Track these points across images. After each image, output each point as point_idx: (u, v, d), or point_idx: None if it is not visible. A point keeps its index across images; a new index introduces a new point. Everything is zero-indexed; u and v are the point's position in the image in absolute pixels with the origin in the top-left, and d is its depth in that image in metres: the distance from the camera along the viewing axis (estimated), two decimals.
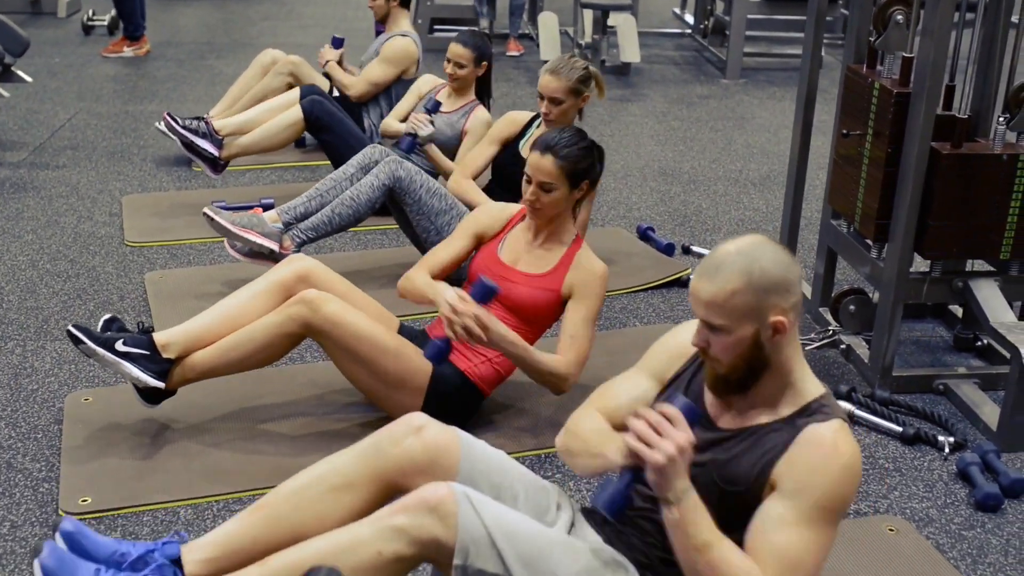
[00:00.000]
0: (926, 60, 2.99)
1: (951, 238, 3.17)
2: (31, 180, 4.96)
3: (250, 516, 2.06)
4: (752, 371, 1.87)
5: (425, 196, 3.72)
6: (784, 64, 7.74)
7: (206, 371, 2.86)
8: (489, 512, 1.87)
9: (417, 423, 2.09)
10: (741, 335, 1.83)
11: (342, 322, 2.77)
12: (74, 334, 2.78)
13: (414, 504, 1.87)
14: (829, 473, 1.80)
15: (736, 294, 1.80)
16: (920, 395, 3.30)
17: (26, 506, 2.66)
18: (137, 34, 7.33)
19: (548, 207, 2.90)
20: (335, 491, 2.04)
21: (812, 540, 1.80)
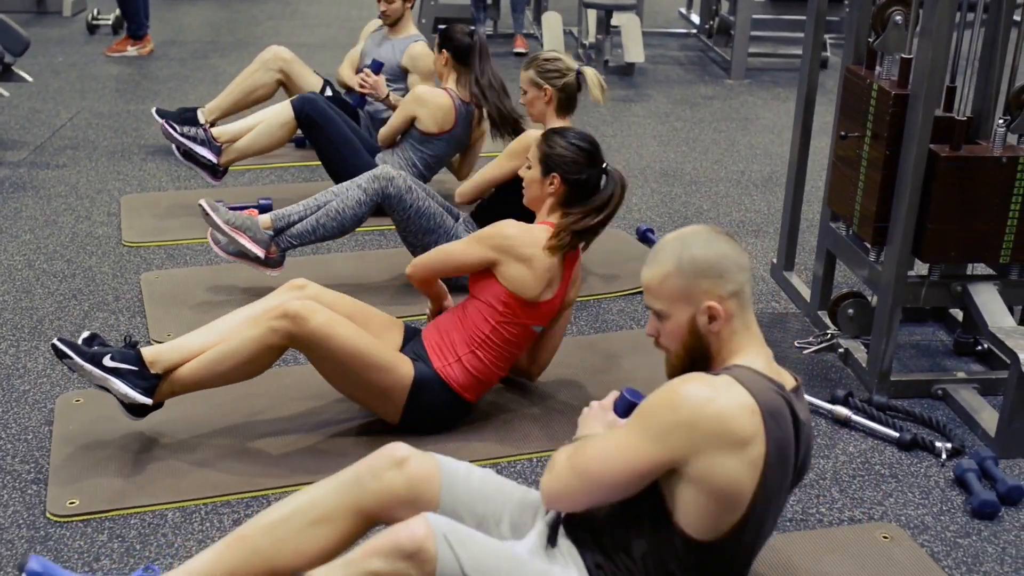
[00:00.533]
0: (925, 61, 2.96)
1: (950, 241, 3.13)
2: (31, 179, 4.95)
3: (227, 548, 2.04)
4: (694, 360, 1.95)
5: (413, 216, 3.69)
6: (789, 64, 7.69)
7: (191, 384, 2.82)
8: (468, 554, 1.83)
9: (399, 456, 2.07)
10: (679, 320, 1.93)
11: (327, 336, 2.74)
12: (60, 348, 2.73)
13: (390, 548, 1.82)
14: (660, 393, 1.88)
15: (668, 277, 1.92)
16: (918, 400, 3.27)
17: (13, 508, 2.65)
18: (140, 33, 7.32)
19: (526, 186, 3.04)
20: (314, 524, 2.03)
21: (610, 434, 1.96)
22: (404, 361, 2.88)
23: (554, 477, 1.96)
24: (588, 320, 3.76)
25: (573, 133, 3.01)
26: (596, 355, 3.49)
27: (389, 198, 3.66)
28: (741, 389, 1.85)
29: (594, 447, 1.94)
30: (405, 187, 3.66)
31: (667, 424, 1.84)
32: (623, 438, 1.90)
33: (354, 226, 3.72)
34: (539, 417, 3.11)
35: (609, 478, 1.89)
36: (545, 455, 2.92)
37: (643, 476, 1.88)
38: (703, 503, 1.87)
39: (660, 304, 1.94)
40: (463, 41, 4.32)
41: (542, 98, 3.67)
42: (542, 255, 2.91)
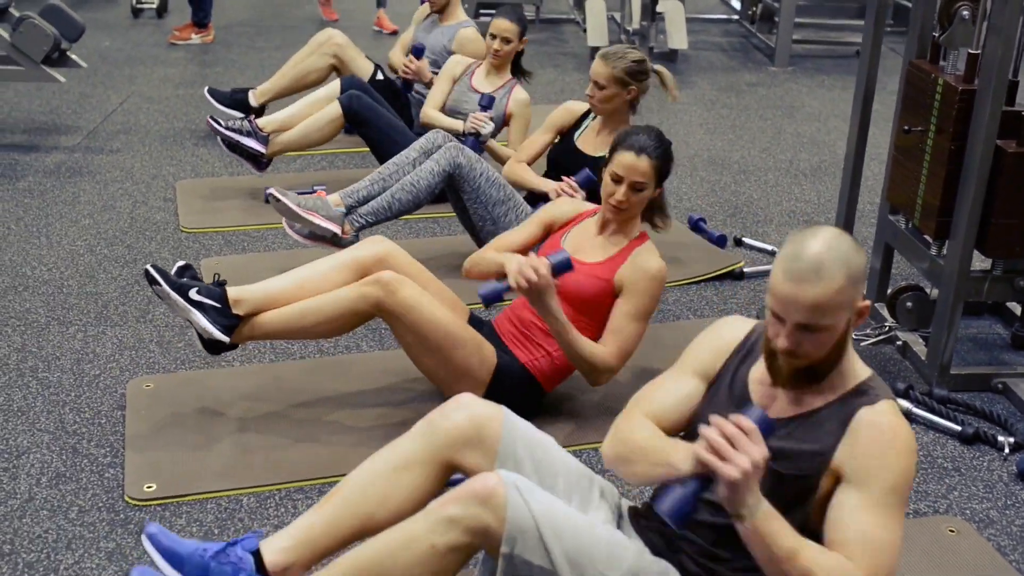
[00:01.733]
0: (994, 56, 2.95)
1: (1015, 236, 3.14)
2: (86, 164, 5.01)
3: (322, 506, 2.14)
4: (831, 361, 1.92)
5: (484, 185, 3.73)
6: (832, 52, 7.67)
7: (272, 333, 2.89)
8: (538, 503, 1.90)
9: (465, 399, 2.18)
10: (839, 327, 1.86)
11: (415, 307, 2.79)
12: (151, 274, 2.81)
13: (464, 494, 1.92)
14: (894, 457, 1.84)
15: (841, 291, 1.82)
16: (978, 393, 3.28)
17: (93, 491, 2.71)
18: (205, 21, 7.34)
19: (635, 207, 2.94)
20: (396, 471, 2.12)
21: (891, 521, 1.83)
22: (487, 345, 2.92)
23: None
24: None
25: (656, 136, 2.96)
26: (655, 345, 3.51)
27: (460, 167, 3.70)
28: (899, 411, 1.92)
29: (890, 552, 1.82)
30: (475, 156, 3.73)
31: (912, 479, 1.88)
32: (899, 519, 1.84)
33: (428, 198, 3.76)
34: (605, 405, 3.14)
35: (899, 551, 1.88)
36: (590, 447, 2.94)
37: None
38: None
39: (830, 319, 1.83)
40: None
41: (623, 96, 3.66)
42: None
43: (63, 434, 2.94)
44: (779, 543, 1.79)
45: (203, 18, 7.31)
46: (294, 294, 2.91)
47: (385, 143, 4.45)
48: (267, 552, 2.08)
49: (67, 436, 2.93)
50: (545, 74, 6.84)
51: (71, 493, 2.70)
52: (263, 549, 2.08)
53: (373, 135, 4.47)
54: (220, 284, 2.89)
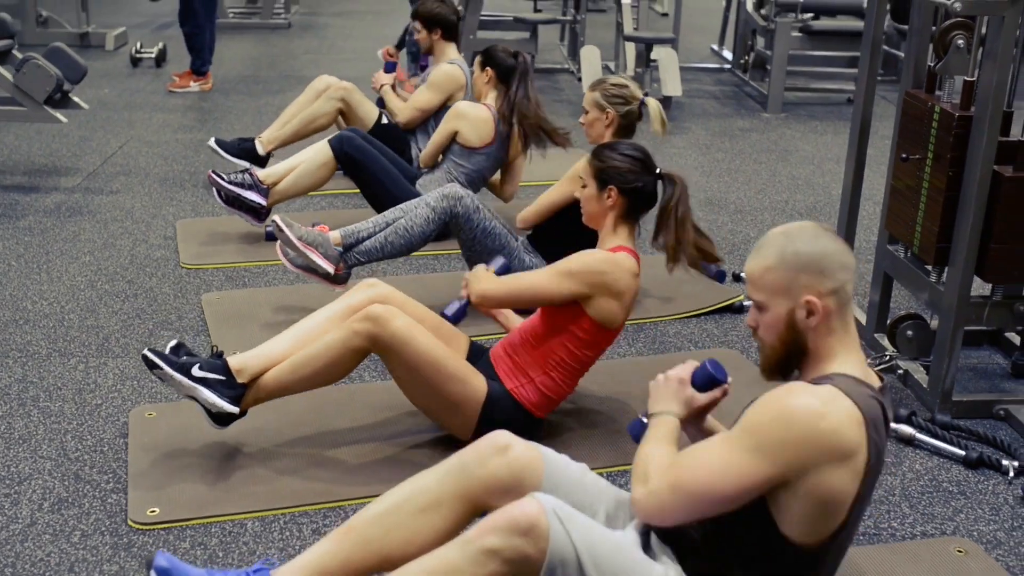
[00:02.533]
0: (989, 83, 3.00)
1: (1013, 262, 3.16)
2: (86, 204, 5.03)
3: (339, 539, 2.08)
4: (790, 355, 1.97)
5: (480, 236, 3.74)
6: (825, 99, 7.77)
7: (276, 391, 2.87)
8: (578, 530, 1.87)
9: (502, 442, 2.12)
10: (777, 312, 1.94)
11: (408, 340, 2.78)
12: (150, 359, 2.78)
13: (505, 524, 1.86)
14: (768, 406, 1.86)
15: (769, 270, 1.94)
16: (980, 420, 3.29)
17: (95, 516, 2.69)
18: (204, 69, 7.40)
19: (583, 205, 3.00)
20: (422, 512, 2.07)
21: (722, 447, 1.90)
22: (478, 376, 2.91)
23: (650, 493, 1.93)
24: (646, 342, 3.79)
25: (623, 145, 3.00)
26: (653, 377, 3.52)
27: (457, 217, 3.71)
28: (847, 401, 1.85)
29: (696, 463, 1.91)
30: (473, 207, 3.71)
31: (780, 441, 1.83)
32: (729, 454, 1.87)
33: (421, 244, 3.77)
34: (603, 434, 3.14)
35: (716, 495, 1.88)
36: (614, 470, 2.94)
37: (752, 492, 1.87)
38: (809, 512, 1.88)
39: (761, 295, 1.95)
40: (507, 61, 4.41)
41: (603, 121, 3.71)
42: (633, 286, 2.92)
43: (65, 461, 2.92)
44: (648, 435, 2.06)
45: (201, 66, 7.38)
46: (293, 351, 2.89)
47: (376, 187, 4.47)
48: None
49: (69, 463, 2.92)
50: None
51: (73, 518, 2.68)
52: None
53: (364, 178, 4.50)
54: (219, 356, 2.89)
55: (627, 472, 2.94)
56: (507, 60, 4.42)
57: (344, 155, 4.50)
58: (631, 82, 3.79)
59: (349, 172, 4.58)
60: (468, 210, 3.70)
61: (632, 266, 2.92)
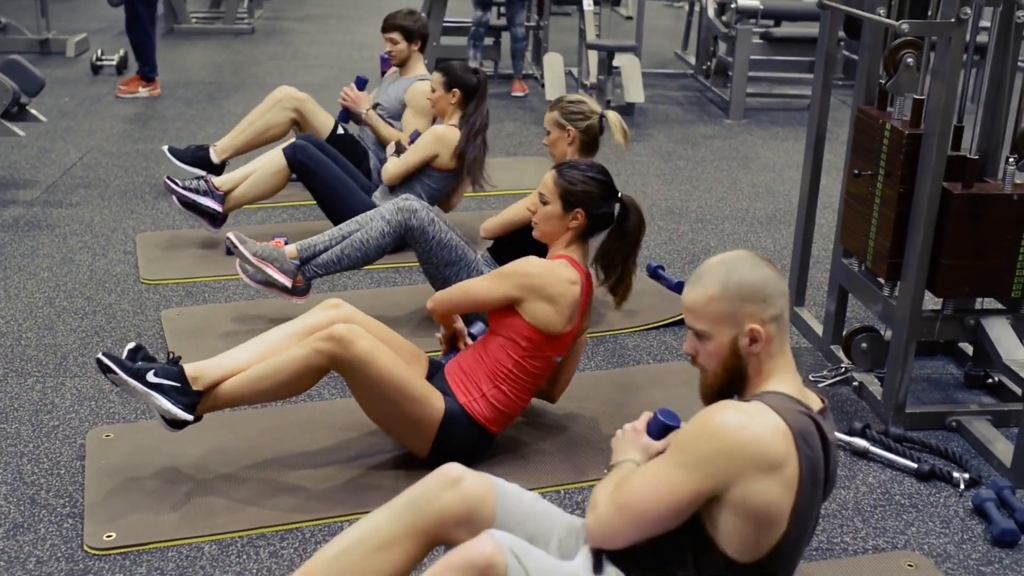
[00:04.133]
0: (937, 102, 3.05)
1: (963, 277, 3.21)
2: (45, 218, 5.00)
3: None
4: (732, 380, 2.02)
5: (435, 248, 3.75)
6: (786, 104, 7.84)
7: (232, 400, 2.87)
8: (535, 566, 1.89)
9: (454, 475, 2.12)
10: (720, 341, 1.98)
11: (370, 361, 2.79)
12: (104, 363, 2.78)
13: (461, 564, 1.87)
14: (695, 423, 1.93)
15: (713, 300, 1.98)
16: (933, 432, 3.33)
17: (51, 541, 2.68)
18: (152, 75, 7.39)
19: (541, 221, 3.03)
20: (376, 551, 2.07)
21: (651, 468, 1.97)
22: (436, 395, 2.93)
23: (599, 518, 1.98)
24: (605, 355, 3.82)
25: (586, 165, 3.05)
26: (614, 389, 3.55)
27: (412, 230, 3.72)
28: (772, 414, 1.91)
29: (634, 484, 1.96)
30: (428, 219, 3.72)
31: (706, 454, 1.89)
32: (663, 471, 1.94)
33: (377, 256, 3.78)
34: (561, 450, 3.16)
35: (653, 512, 1.93)
36: (569, 487, 2.97)
37: (686, 507, 1.92)
38: (743, 526, 1.92)
39: (703, 325, 1.99)
40: (471, 80, 4.41)
41: (565, 139, 3.74)
42: (567, 292, 2.96)
43: (21, 485, 2.91)
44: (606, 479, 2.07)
45: (149, 72, 7.36)
46: (251, 364, 2.89)
47: (329, 196, 4.48)
48: None
49: (25, 487, 2.90)
50: (504, 128, 6.93)
51: (29, 544, 2.66)
52: None
53: (317, 186, 4.51)
54: (175, 361, 2.88)
55: (585, 489, 2.97)
56: (471, 79, 4.42)
57: (297, 163, 4.51)
58: (587, 97, 3.85)
59: (303, 180, 4.58)
60: (423, 223, 3.71)
61: (569, 274, 2.97)
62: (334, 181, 4.48)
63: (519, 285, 2.96)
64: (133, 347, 2.92)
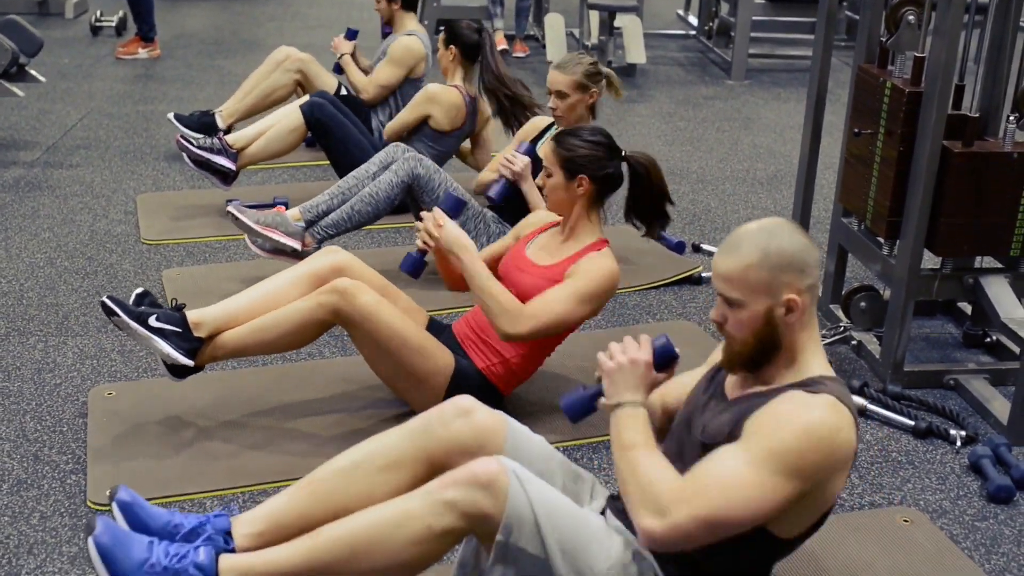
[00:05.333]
0: (938, 60, 3.04)
1: (962, 235, 3.22)
2: (45, 179, 5.00)
3: (299, 492, 2.11)
4: (763, 349, 1.93)
5: (443, 196, 3.76)
6: (789, 65, 7.79)
7: (234, 350, 2.90)
8: (536, 492, 1.91)
9: (467, 406, 2.14)
10: (755, 310, 1.90)
11: (374, 314, 2.81)
12: (108, 306, 2.80)
13: (465, 478, 1.91)
14: (790, 425, 1.81)
15: (751, 268, 1.88)
16: (931, 390, 3.35)
17: (55, 497, 2.70)
18: (151, 35, 7.35)
19: (550, 193, 2.97)
20: (383, 470, 2.09)
21: (739, 472, 1.80)
22: (444, 351, 2.94)
23: (673, 528, 1.81)
24: (605, 315, 3.83)
25: (585, 131, 3.00)
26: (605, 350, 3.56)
27: (419, 178, 3.74)
28: (845, 409, 1.85)
29: (724, 493, 1.80)
30: (434, 167, 3.76)
31: (811, 461, 1.80)
32: (759, 479, 1.79)
33: (388, 209, 3.79)
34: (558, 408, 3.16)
35: (746, 521, 1.81)
36: (571, 444, 2.98)
37: (779, 512, 1.84)
38: (803, 511, 1.90)
39: (738, 293, 1.90)
40: (471, 37, 4.39)
41: (586, 101, 3.73)
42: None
43: (24, 442, 2.93)
44: (626, 434, 1.93)
45: (148, 32, 7.33)
46: (253, 311, 2.91)
47: (344, 154, 4.49)
48: (237, 535, 2.07)
49: (28, 444, 2.93)
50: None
51: (32, 499, 2.69)
52: (234, 531, 2.08)
53: (333, 145, 4.52)
54: (179, 308, 2.90)
55: (583, 446, 2.99)
56: (471, 36, 4.40)
57: (315, 120, 4.52)
58: (590, 55, 3.84)
59: (318, 138, 4.59)
60: (429, 171, 3.74)
61: (617, 267, 2.95)
62: (350, 141, 4.50)
63: (607, 300, 2.95)
64: (140, 292, 2.95)
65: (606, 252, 2.95)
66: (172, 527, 2.08)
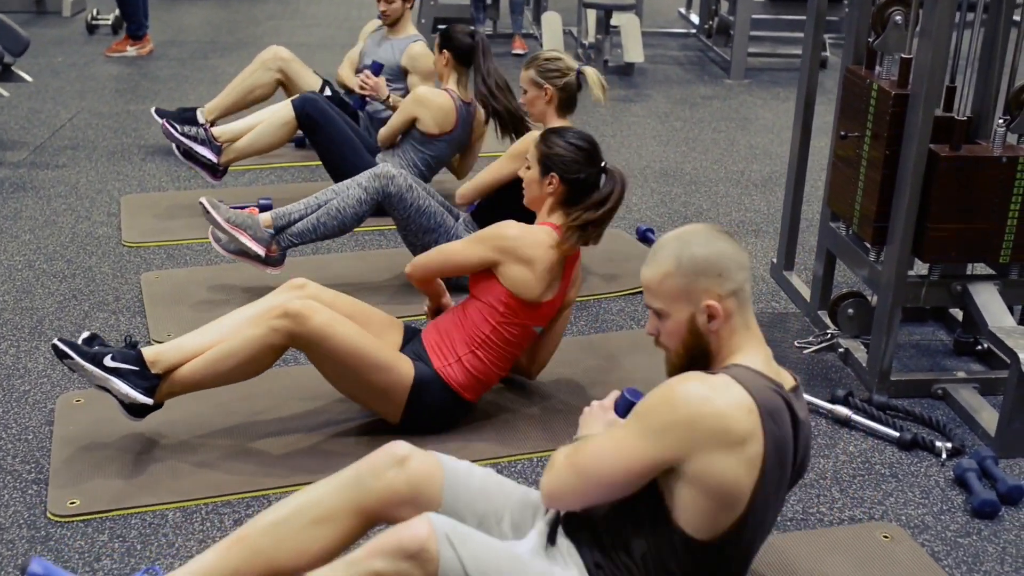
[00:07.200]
0: (925, 61, 2.96)
1: (950, 241, 3.13)
2: (30, 180, 4.95)
3: (228, 548, 2.05)
4: (693, 359, 1.95)
5: (414, 215, 3.70)
6: (789, 64, 7.70)
7: (191, 384, 2.82)
8: (469, 554, 1.83)
9: (400, 454, 2.07)
10: (678, 320, 1.93)
11: (328, 336, 2.74)
12: (61, 349, 2.72)
13: (392, 548, 1.82)
14: (658, 392, 1.89)
15: (668, 277, 1.92)
16: (918, 399, 3.27)
17: (14, 508, 2.65)
18: (140, 33, 7.32)
19: (526, 186, 3.04)
20: (315, 524, 2.03)
21: (612, 432, 1.95)
22: (404, 361, 2.88)
23: (553, 476, 1.97)
24: (588, 320, 3.76)
25: (572, 133, 3.01)
26: (596, 355, 3.50)
27: (389, 197, 3.66)
28: (739, 387, 1.85)
29: (592, 446, 1.95)
30: (405, 186, 3.66)
31: (665, 423, 1.84)
32: (621, 437, 1.91)
33: (354, 224, 3.72)
34: (539, 417, 3.11)
35: (607, 477, 1.90)
36: (545, 454, 2.92)
37: (640, 475, 1.89)
38: (701, 502, 1.87)
39: (660, 303, 1.94)
40: (465, 41, 4.32)
41: (542, 97, 3.67)
42: (544, 256, 2.90)
43: None
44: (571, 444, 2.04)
45: (137, 30, 7.29)
46: (210, 346, 2.83)
47: (335, 153, 4.43)
48: None
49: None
50: None
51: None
52: None
53: (323, 141, 4.45)
54: (133, 346, 2.83)
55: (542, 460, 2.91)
56: (464, 41, 4.32)
57: (305, 115, 4.46)
58: (564, 54, 3.78)
59: (308, 134, 4.54)
60: (401, 189, 3.65)
61: (548, 238, 2.92)
62: (341, 139, 4.43)
63: (495, 247, 2.92)
64: (88, 336, 2.86)
65: (539, 227, 2.97)
66: None
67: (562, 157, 2.94)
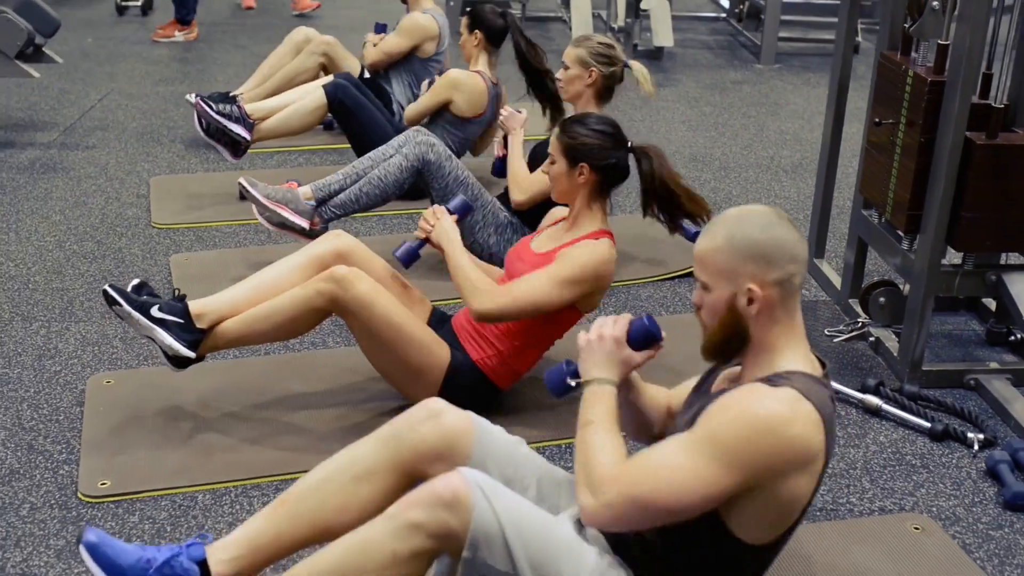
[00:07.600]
0: (962, 47, 2.92)
1: (985, 231, 3.10)
2: (61, 161, 4.97)
3: (273, 511, 2.07)
4: (728, 339, 1.90)
5: (452, 184, 3.69)
6: (820, 49, 7.62)
7: (234, 340, 2.86)
8: (503, 505, 1.85)
9: (435, 408, 2.11)
10: (719, 295, 1.88)
11: (370, 304, 2.75)
12: (110, 295, 2.77)
13: (428, 498, 1.85)
14: (734, 412, 1.78)
15: (717, 252, 1.87)
16: (950, 390, 3.23)
17: (46, 488, 2.67)
18: (188, 19, 7.29)
19: (554, 181, 2.90)
20: (355, 481, 2.06)
21: (673, 456, 1.80)
22: (441, 344, 2.88)
23: (606, 506, 1.82)
24: (617, 306, 3.75)
25: (592, 119, 2.91)
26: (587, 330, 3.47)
27: (429, 164, 3.67)
28: (808, 405, 1.78)
29: (656, 476, 1.79)
30: (445, 154, 3.69)
31: (748, 450, 1.75)
32: (693, 464, 1.77)
33: (396, 192, 3.73)
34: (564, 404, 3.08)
35: (677, 508, 1.79)
36: (568, 442, 2.90)
37: (716, 502, 1.80)
38: (764, 515, 1.84)
39: (706, 276, 1.89)
40: (497, 23, 4.30)
41: (584, 79, 3.62)
42: (612, 272, 2.89)
43: (20, 431, 2.90)
44: (587, 412, 1.95)
45: (186, 15, 7.27)
46: (255, 300, 2.86)
47: (365, 137, 4.44)
48: (213, 562, 2.02)
49: (23, 433, 2.89)
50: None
51: (23, 490, 2.66)
52: (209, 559, 2.02)
53: (354, 127, 4.48)
54: (180, 299, 2.85)
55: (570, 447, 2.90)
56: (496, 21, 4.30)
57: (337, 101, 4.48)
58: (617, 44, 3.72)
59: (340, 120, 4.56)
60: (440, 157, 3.67)
61: (612, 253, 2.86)
62: (371, 123, 4.46)
63: (590, 286, 2.83)
64: (138, 283, 2.91)
65: (603, 241, 2.85)
66: (144, 563, 2.02)
67: (588, 145, 2.84)
